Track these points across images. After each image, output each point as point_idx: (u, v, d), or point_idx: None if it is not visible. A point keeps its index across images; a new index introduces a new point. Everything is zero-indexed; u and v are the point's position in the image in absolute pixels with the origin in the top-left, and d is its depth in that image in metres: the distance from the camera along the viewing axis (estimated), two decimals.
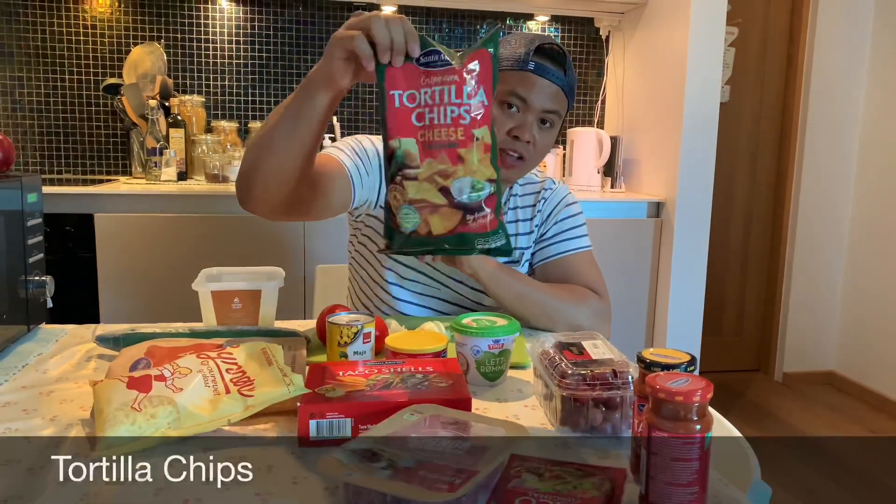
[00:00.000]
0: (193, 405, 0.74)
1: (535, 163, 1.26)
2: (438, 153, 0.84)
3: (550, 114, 1.22)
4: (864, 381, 3.29)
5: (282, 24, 2.85)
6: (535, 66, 1.19)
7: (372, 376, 0.81)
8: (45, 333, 1.13)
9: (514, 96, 1.20)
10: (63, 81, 2.74)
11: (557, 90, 1.21)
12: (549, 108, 1.21)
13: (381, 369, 0.83)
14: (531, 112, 1.20)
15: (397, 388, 0.77)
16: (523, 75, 1.19)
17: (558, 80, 1.20)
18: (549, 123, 1.23)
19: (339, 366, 0.85)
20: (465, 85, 0.83)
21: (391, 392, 0.76)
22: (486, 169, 0.84)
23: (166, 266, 2.29)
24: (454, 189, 0.84)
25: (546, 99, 1.20)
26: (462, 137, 0.83)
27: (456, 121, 0.83)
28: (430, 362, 0.86)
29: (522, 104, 1.20)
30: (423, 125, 0.84)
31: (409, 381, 0.79)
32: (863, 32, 3.26)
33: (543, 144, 1.24)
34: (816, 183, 3.34)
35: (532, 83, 1.19)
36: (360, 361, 0.88)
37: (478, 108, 0.84)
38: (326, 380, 0.80)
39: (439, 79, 0.83)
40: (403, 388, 0.77)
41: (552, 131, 1.25)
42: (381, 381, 0.79)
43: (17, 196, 1.06)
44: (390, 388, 0.78)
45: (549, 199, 1.36)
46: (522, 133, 1.19)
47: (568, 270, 1.30)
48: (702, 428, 0.59)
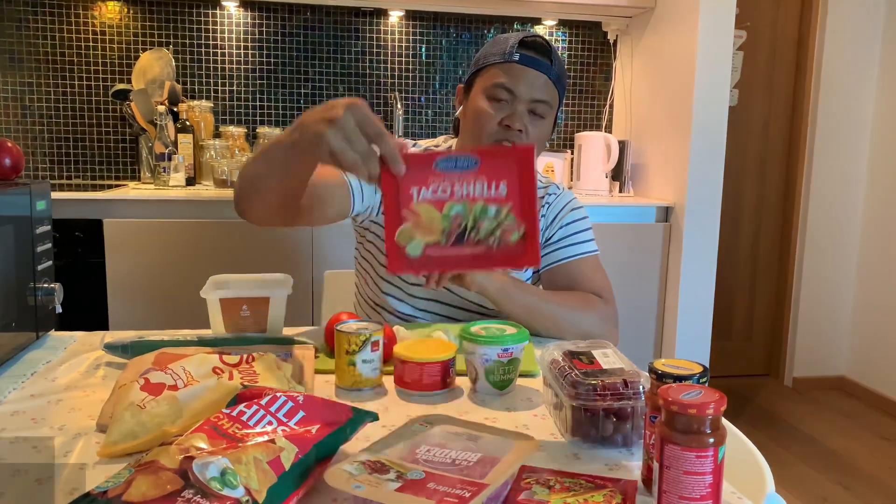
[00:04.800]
0: (196, 401, 0.74)
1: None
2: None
3: (541, 104, 1.22)
4: (876, 386, 3.26)
5: (290, 29, 2.86)
6: (521, 57, 1.20)
7: (447, 204, 0.80)
8: (53, 341, 1.13)
9: (501, 88, 1.21)
10: (72, 87, 2.75)
11: (545, 80, 1.21)
12: (538, 97, 1.21)
13: (454, 190, 0.80)
14: (520, 102, 1.21)
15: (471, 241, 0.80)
16: (509, 67, 1.21)
17: (545, 69, 1.21)
18: (541, 115, 1.23)
19: (414, 178, 0.80)
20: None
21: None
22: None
23: (175, 271, 2.29)
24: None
25: (534, 89, 1.21)
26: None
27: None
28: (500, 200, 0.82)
29: (511, 95, 1.21)
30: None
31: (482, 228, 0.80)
32: (872, 36, 3.24)
33: (537, 136, 1.23)
34: (826, 187, 3.32)
35: (518, 74, 1.20)
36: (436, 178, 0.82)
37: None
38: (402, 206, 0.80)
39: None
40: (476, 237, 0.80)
41: (544, 123, 1.24)
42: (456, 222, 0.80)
43: (26, 203, 1.06)
44: (465, 237, 0.80)
45: (554, 204, 1.35)
46: (513, 121, 1.20)
47: (574, 275, 1.29)
48: (715, 441, 0.58)
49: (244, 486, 0.56)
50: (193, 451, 0.58)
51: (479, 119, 1.22)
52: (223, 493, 0.55)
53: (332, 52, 2.91)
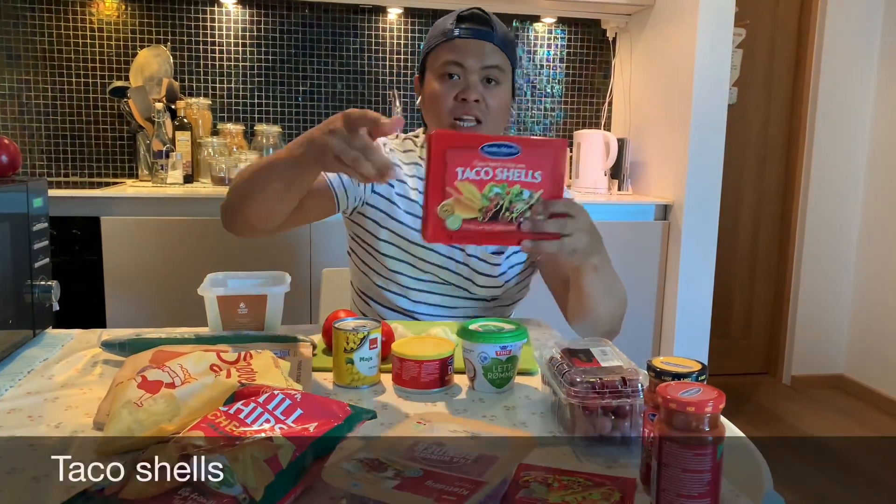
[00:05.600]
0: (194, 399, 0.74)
1: (495, 123, 1.26)
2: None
3: (492, 69, 1.24)
4: (874, 384, 3.27)
5: (288, 26, 2.85)
6: (461, 31, 1.23)
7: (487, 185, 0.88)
8: (50, 338, 1.12)
9: (450, 65, 1.23)
10: (70, 84, 2.74)
11: (490, 46, 1.24)
12: (488, 63, 1.23)
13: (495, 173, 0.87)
14: (471, 73, 1.23)
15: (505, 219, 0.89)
16: (452, 43, 1.24)
17: (487, 36, 1.24)
18: (495, 81, 1.25)
19: (460, 159, 0.87)
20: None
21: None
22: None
23: (172, 269, 2.29)
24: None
25: (481, 57, 1.23)
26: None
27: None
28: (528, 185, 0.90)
29: (460, 69, 1.23)
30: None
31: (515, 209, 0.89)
32: (872, 34, 3.24)
33: (495, 103, 1.25)
34: (825, 185, 3.32)
35: (462, 47, 1.23)
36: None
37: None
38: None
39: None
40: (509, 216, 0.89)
41: (500, 88, 1.25)
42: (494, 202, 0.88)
43: (22, 200, 1.06)
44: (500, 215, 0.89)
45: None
46: (468, 94, 1.22)
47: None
48: (714, 439, 0.58)
49: (241, 484, 0.56)
50: (191, 448, 0.58)
51: (435, 100, 1.25)
52: (220, 490, 0.55)
53: (330, 49, 2.90)
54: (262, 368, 0.82)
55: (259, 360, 0.84)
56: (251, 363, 0.83)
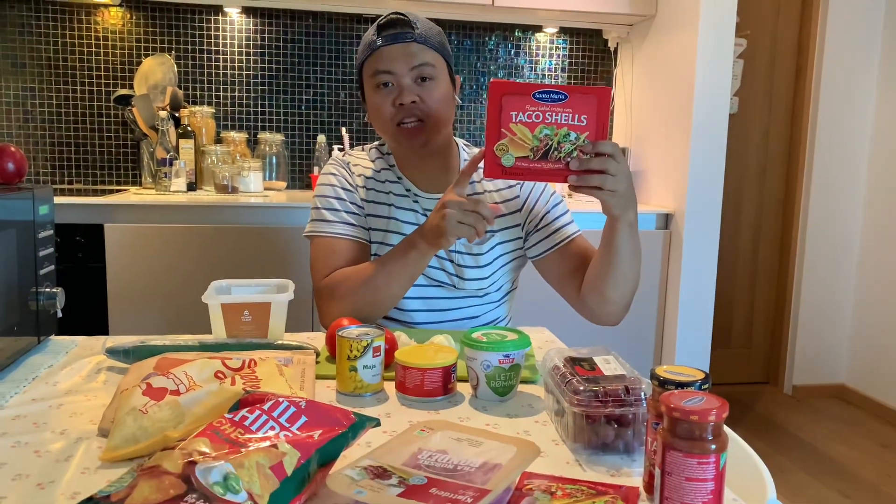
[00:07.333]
0: (199, 406, 0.75)
1: (440, 118, 1.27)
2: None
3: (423, 67, 1.25)
4: (875, 394, 3.26)
5: (292, 35, 2.87)
6: (384, 39, 1.25)
7: (538, 127, 1.00)
8: (55, 345, 1.13)
9: (381, 74, 1.25)
10: (74, 92, 2.76)
11: (416, 46, 1.25)
12: (416, 63, 1.25)
13: (545, 116, 0.99)
14: (402, 77, 1.25)
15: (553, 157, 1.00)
16: (378, 53, 1.25)
17: (409, 38, 1.25)
18: (429, 77, 1.26)
19: (514, 104, 1.00)
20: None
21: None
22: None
23: (176, 277, 2.29)
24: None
25: (408, 59, 1.24)
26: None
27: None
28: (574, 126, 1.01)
29: (391, 76, 1.25)
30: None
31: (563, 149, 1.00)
32: (872, 44, 3.26)
33: (434, 98, 1.26)
34: (826, 194, 3.32)
35: (387, 54, 1.25)
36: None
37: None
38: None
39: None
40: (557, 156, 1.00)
41: (436, 83, 1.27)
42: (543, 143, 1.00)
43: (29, 208, 1.07)
44: (549, 154, 1.00)
45: (534, 185, 1.38)
46: (403, 97, 1.24)
47: (586, 247, 1.32)
48: (717, 448, 0.58)
49: (247, 491, 0.56)
50: (196, 455, 0.59)
51: (376, 111, 1.28)
52: (226, 497, 0.55)
53: (333, 58, 2.91)
54: (266, 376, 0.82)
55: (264, 367, 0.84)
56: (256, 370, 0.83)
